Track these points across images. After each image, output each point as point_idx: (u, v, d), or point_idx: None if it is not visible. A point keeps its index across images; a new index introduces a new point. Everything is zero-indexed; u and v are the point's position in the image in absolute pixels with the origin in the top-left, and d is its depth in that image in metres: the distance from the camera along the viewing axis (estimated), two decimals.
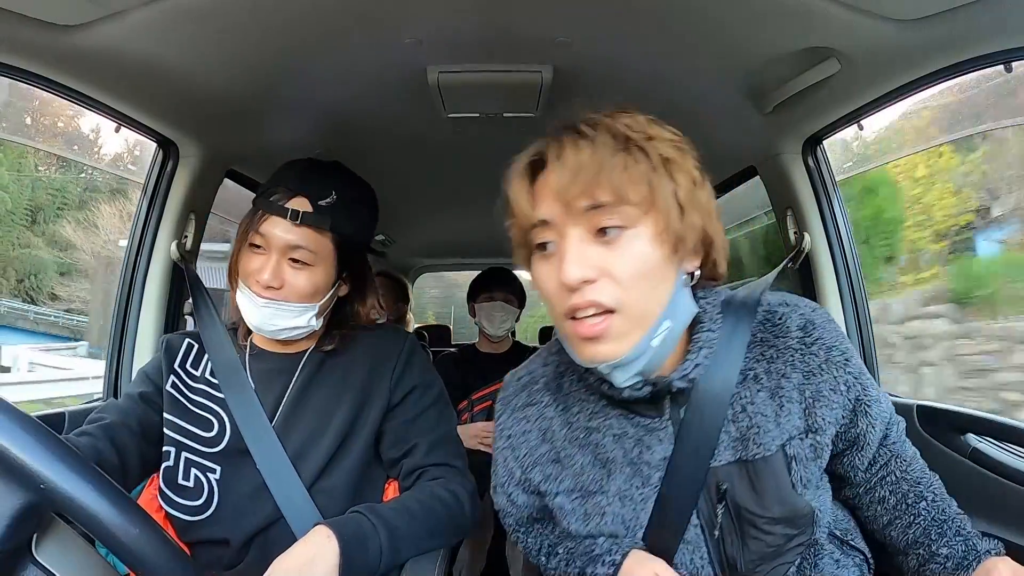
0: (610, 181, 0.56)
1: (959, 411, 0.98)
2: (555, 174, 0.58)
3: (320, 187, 0.87)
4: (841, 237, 1.27)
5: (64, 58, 0.90)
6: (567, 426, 0.71)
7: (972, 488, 0.89)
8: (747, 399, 0.66)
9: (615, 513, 0.67)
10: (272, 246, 0.85)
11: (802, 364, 0.67)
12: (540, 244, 0.61)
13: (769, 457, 0.64)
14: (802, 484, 0.65)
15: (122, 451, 0.82)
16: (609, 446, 0.68)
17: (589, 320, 0.57)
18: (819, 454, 0.67)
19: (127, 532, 0.44)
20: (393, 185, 1.93)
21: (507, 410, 0.76)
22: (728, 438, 0.66)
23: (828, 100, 1.10)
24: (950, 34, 0.85)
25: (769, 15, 0.89)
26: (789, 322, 0.68)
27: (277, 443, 0.86)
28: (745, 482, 0.65)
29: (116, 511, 0.44)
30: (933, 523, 0.69)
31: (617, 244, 0.57)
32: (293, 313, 0.86)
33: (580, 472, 0.69)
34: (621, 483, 0.67)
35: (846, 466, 0.73)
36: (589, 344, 0.59)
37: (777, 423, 0.65)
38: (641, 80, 1.14)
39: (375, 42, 0.99)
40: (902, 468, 0.73)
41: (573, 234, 0.58)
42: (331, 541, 0.69)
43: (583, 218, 0.58)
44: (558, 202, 0.58)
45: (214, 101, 1.10)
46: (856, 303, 1.26)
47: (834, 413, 0.66)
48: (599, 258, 0.57)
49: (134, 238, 1.26)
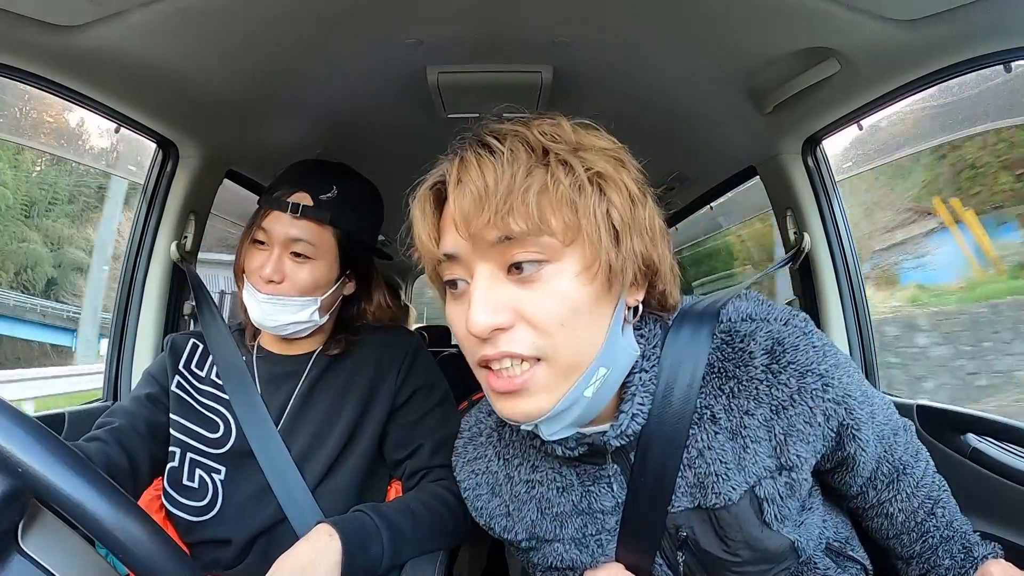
0: (524, 206, 0.46)
1: (959, 411, 0.98)
2: (458, 201, 0.48)
3: (321, 183, 0.88)
4: (841, 237, 1.27)
5: (64, 59, 0.89)
6: (510, 480, 0.66)
7: (972, 488, 0.88)
8: (704, 443, 0.57)
9: (573, 558, 0.63)
10: (274, 241, 0.86)
11: (768, 397, 0.56)
12: (449, 282, 0.52)
13: (731, 506, 0.57)
14: (778, 521, 0.58)
15: (132, 454, 0.83)
16: (554, 499, 0.62)
17: (507, 372, 0.48)
18: (796, 490, 0.59)
19: (109, 517, 0.43)
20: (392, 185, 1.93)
21: (459, 462, 0.72)
22: (685, 483, 0.58)
23: (828, 100, 1.10)
24: (950, 34, 0.84)
25: (769, 15, 0.89)
26: (753, 345, 0.57)
27: (281, 445, 0.86)
28: (708, 527, 0.58)
29: (97, 494, 0.43)
30: (941, 540, 0.66)
31: (535, 282, 0.48)
32: (295, 307, 0.86)
33: (531, 524, 0.64)
34: (573, 532, 0.62)
35: (837, 483, 0.68)
36: (508, 399, 0.50)
37: (740, 468, 0.57)
38: (641, 80, 1.14)
39: (375, 43, 0.99)
40: (912, 485, 0.67)
41: (482, 272, 0.48)
42: (333, 540, 0.69)
43: (493, 252, 0.48)
44: (463, 234, 0.48)
45: (214, 101, 1.10)
46: (856, 303, 1.26)
47: (811, 447, 0.58)
48: (513, 300, 0.47)
49: (134, 238, 1.25)
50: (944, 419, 0.98)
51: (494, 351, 0.48)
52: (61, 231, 15.14)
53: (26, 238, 14.49)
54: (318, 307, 0.88)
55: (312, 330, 0.91)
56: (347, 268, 0.92)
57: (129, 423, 0.85)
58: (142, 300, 1.24)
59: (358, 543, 0.71)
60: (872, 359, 1.25)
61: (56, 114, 7.12)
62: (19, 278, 13.87)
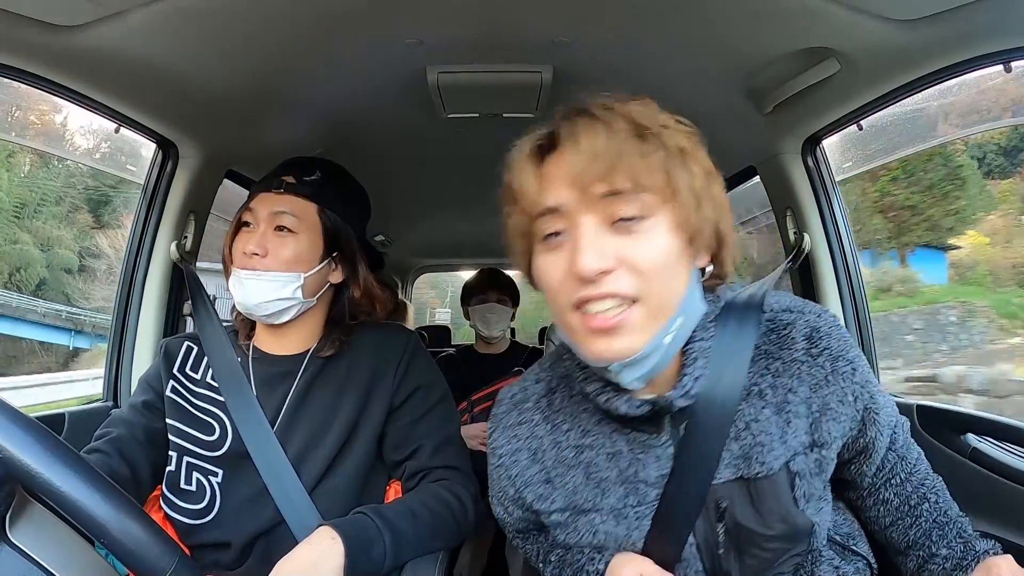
0: (629, 168, 0.53)
1: (959, 411, 0.98)
2: (570, 158, 0.55)
3: (306, 167, 0.92)
4: (841, 237, 1.27)
5: (64, 59, 0.90)
6: (556, 445, 0.68)
7: (972, 488, 0.89)
8: (751, 416, 0.63)
9: (608, 531, 0.65)
10: (259, 219, 0.88)
11: (809, 376, 0.64)
12: (550, 234, 0.57)
13: (772, 476, 0.62)
14: (804, 499, 0.63)
15: (133, 463, 0.83)
16: (602, 465, 0.65)
17: (604, 313, 0.54)
18: (823, 468, 0.64)
19: (93, 503, 0.43)
20: (392, 185, 1.93)
21: (498, 428, 0.73)
22: (730, 456, 0.63)
23: (828, 100, 1.10)
24: (950, 34, 0.85)
25: (769, 15, 0.89)
26: (795, 332, 0.65)
27: (278, 447, 0.85)
28: (746, 500, 0.62)
29: (80, 479, 0.43)
30: (935, 525, 0.68)
31: (635, 233, 0.54)
32: (277, 284, 0.86)
33: (572, 492, 0.66)
34: (614, 501, 0.65)
35: (854, 473, 0.72)
36: (602, 338, 0.55)
37: (783, 441, 0.62)
38: (641, 80, 1.14)
39: (375, 42, 0.99)
40: (906, 470, 0.72)
41: (588, 222, 0.55)
42: (336, 543, 0.69)
43: (599, 206, 0.55)
44: (573, 188, 0.55)
45: (214, 101, 1.10)
46: (856, 303, 1.26)
47: (842, 426, 0.64)
48: (617, 247, 0.54)
49: (134, 239, 1.25)
50: (944, 419, 0.98)
51: (597, 291, 0.54)
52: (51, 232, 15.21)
53: (18, 239, 14.60)
54: (301, 284, 0.87)
55: (299, 311, 0.90)
56: (332, 251, 0.92)
57: (128, 432, 0.86)
58: (142, 300, 1.24)
59: (360, 546, 0.71)
60: (873, 358, 1.25)
61: (42, 114, 7.10)
62: (12, 279, 14.01)
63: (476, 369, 1.95)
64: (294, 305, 0.89)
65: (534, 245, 0.60)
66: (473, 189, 1.92)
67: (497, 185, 0.64)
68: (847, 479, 0.73)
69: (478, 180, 1.89)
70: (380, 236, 2.56)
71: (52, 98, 0.98)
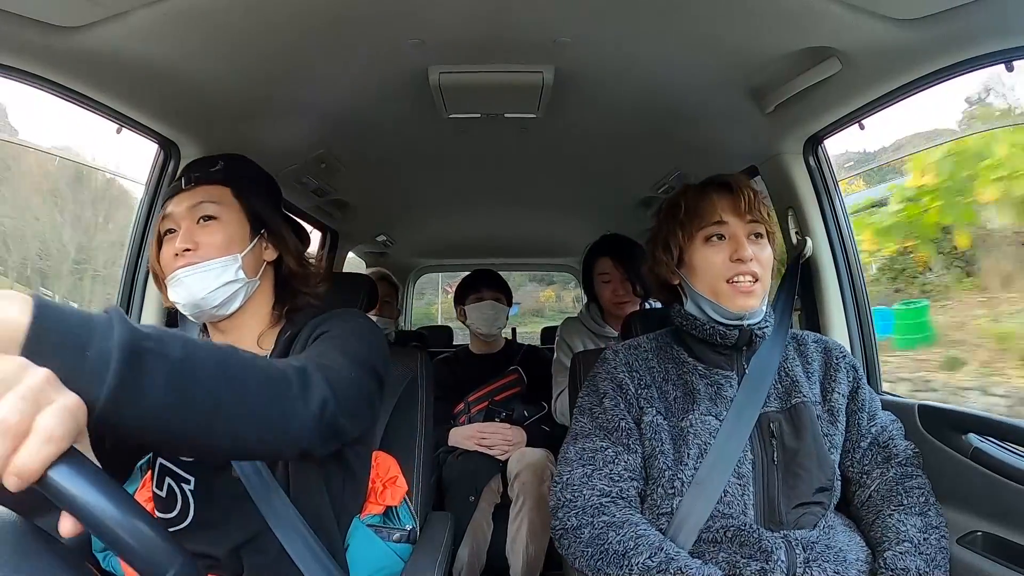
0: (761, 211, 0.93)
1: (961, 411, 0.97)
2: (739, 201, 0.92)
3: (207, 162, 0.92)
4: (843, 237, 1.27)
5: (64, 59, 0.90)
6: (664, 372, 0.97)
7: (973, 488, 0.89)
8: (788, 366, 0.97)
9: (696, 433, 0.89)
10: (179, 219, 0.86)
11: (819, 355, 1.00)
12: (715, 236, 0.93)
13: (806, 403, 0.93)
14: (825, 436, 0.92)
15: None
16: (696, 383, 0.95)
17: (746, 283, 0.90)
18: (833, 423, 0.94)
19: (94, 499, 0.41)
20: (393, 185, 1.93)
21: (623, 349, 1.01)
22: (775, 391, 0.94)
23: (829, 100, 1.10)
24: (951, 34, 0.85)
25: (770, 15, 0.89)
26: (807, 336, 1.04)
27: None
28: (790, 425, 0.91)
29: (80, 479, 0.41)
30: (888, 492, 0.91)
31: (762, 245, 0.93)
32: (216, 270, 0.84)
33: (672, 400, 0.94)
34: (703, 410, 0.92)
35: (855, 423, 0.96)
36: (745, 297, 0.90)
37: (810, 384, 0.96)
38: (642, 80, 1.14)
39: (376, 42, 0.99)
40: (888, 455, 0.96)
41: (741, 233, 0.92)
42: (12, 304, 0.42)
43: (746, 227, 0.92)
44: (738, 213, 0.92)
45: (215, 101, 1.10)
46: (857, 303, 1.26)
47: (842, 388, 0.96)
48: (754, 249, 0.91)
49: (135, 238, 1.25)
50: (945, 419, 0.98)
51: (747, 269, 0.90)
52: None
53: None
54: (240, 265, 0.86)
55: (247, 294, 0.88)
56: (259, 229, 0.91)
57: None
58: (143, 300, 1.24)
59: (63, 327, 0.44)
60: (874, 358, 1.25)
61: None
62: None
63: (472, 369, 1.95)
64: (240, 288, 0.86)
65: (692, 239, 0.94)
66: (474, 189, 1.92)
67: (499, 185, 0.64)
68: (851, 430, 0.97)
69: (479, 180, 1.89)
70: (382, 236, 2.55)
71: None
